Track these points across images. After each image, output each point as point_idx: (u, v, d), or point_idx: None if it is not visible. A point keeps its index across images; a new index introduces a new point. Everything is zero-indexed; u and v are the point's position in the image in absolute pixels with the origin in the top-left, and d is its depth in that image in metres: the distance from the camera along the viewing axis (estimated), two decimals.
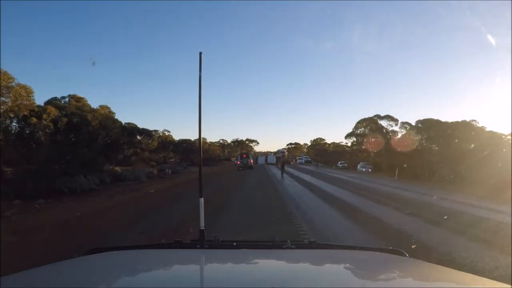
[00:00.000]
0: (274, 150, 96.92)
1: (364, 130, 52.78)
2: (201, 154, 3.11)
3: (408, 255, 1.68)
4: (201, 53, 2.10)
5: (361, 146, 54.92)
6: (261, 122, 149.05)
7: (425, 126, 31.04)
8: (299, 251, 1.73)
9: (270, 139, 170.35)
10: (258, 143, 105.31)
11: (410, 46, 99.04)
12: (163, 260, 1.61)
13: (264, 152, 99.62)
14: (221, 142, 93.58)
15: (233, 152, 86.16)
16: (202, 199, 2.07)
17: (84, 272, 1.36)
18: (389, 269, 1.50)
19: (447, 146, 29.09)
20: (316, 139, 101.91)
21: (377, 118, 51.46)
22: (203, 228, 1.85)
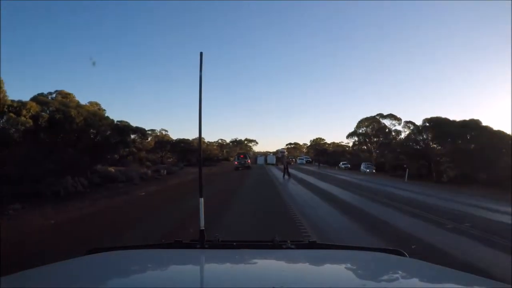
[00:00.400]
0: (273, 150, 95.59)
1: (366, 129, 51.91)
2: (201, 154, 3.21)
3: (408, 255, 1.64)
4: (201, 53, 2.07)
5: (363, 146, 54.30)
6: (260, 122, 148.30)
7: (433, 125, 29.74)
8: (299, 251, 1.70)
9: (269, 139, 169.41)
10: (257, 143, 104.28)
11: (410, 46, 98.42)
12: (163, 260, 1.60)
13: (264, 152, 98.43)
14: (219, 142, 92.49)
15: (231, 152, 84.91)
16: (202, 199, 2.03)
17: (83, 272, 1.37)
18: (389, 269, 1.48)
19: (455, 145, 27.98)
20: (315, 139, 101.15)
21: (379, 117, 50.61)
22: (203, 228, 1.81)
